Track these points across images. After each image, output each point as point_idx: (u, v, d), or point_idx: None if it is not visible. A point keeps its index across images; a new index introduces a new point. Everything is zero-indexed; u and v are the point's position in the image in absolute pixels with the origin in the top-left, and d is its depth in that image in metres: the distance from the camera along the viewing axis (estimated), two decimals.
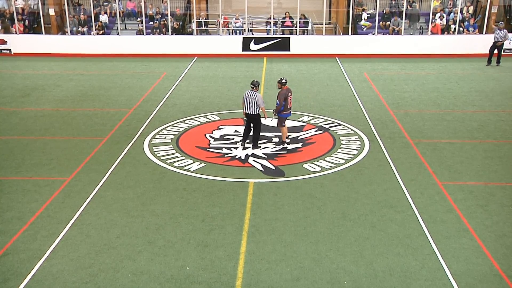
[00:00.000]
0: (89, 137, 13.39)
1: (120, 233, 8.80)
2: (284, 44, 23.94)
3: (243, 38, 24.12)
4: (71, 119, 14.91)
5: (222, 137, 13.25)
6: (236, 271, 7.77)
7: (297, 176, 11.00)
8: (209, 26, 26.41)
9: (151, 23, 25.39)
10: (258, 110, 12.06)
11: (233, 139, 13.04)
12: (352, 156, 12.08)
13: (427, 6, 26.03)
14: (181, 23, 26.02)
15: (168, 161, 11.81)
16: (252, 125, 12.33)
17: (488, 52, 21.63)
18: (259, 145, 12.43)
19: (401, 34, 24.23)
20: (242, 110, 12.41)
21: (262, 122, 12.45)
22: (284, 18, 25.54)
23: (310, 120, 14.66)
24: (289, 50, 23.96)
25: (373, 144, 12.81)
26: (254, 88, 12.00)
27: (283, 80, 12.26)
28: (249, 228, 8.97)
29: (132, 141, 13.01)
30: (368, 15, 25.73)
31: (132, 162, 11.76)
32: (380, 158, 11.97)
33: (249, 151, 12.21)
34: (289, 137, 12.92)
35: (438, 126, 14.11)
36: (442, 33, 24.33)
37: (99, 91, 18.02)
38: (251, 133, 12.45)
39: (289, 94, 12.25)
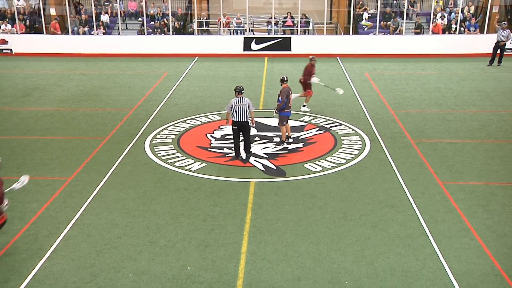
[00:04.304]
0: (90, 137, 13.40)
1: (121, 233, 8.81)
2: (285, 44, 23.94)
3: (244, 38, 24.12)
4: (72, 119, 14.93)
5: (223, 137, 13.25)
6: (237, 271, 7.78)
7: (298, 176, 11.00)
8: (210, 26, 26.42)
9: (152, 23, 25.40)
10: (248, 117, 11.60)
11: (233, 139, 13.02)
12: (353, 156, 12.07)
13: (428, 6, 26.03)
14: (182, 23, 26.03)
15: (169, 161, 11.81)
16: (242, 133, 11.78)
17: (491, 52, 21.60)
18: (241, 157, 11.86)
19: (402, 34, 24.21)
20: (227, 119, 11.90)
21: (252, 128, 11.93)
22: (285, 18, 25.54)
23: (311, 120, 14.66)
24: (290, 50, 23.96)
25: (374, 144, 12.80)
26: (241, 93, 11.55)
27: (285, 78, 12.37)
28: (250, 228, 8.97)
29: (133, 141, 13.02)
30: (369, 15, 25.71)
31: (133, 162, 11.77)
32: (381, 158, 11.96)
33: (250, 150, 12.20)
34: (291, 136, 12.91)
35: (439, 126, 14.10)
36: (443, 33, 24.31)
37: (100, 91, 18.03)
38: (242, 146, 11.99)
39: (290, 92, 12.32)
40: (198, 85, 18.73)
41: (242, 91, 11.60)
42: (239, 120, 11.55)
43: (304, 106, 15.50)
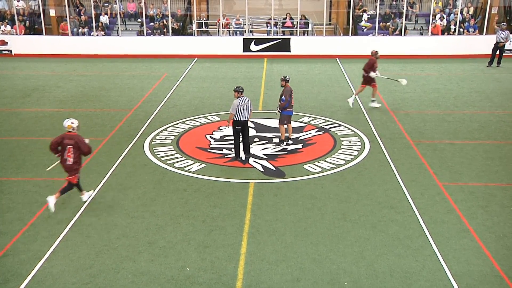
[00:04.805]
0: (90, 138, 13.28)
1: (121, 234, 8.80)
2: (284, 45, 23.95)
3: (244, 39, 24.13)
4: None
5: (222, 138, 13.25)
6: (237, 272, 7.77)
7: (297, 177, 11.00)
8: (209, 27, 26.43)
9: (152, 24, 25.41)
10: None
11: (233, 139, 13.00)
12: (352, 156, 12.07)
13: (427, 7, 26.05)
14: (181, 24, 26.04)
15: (168, 162, 11.81)
16: (242, 133, 11.75)
17: (490, 53, 21.60)
18: (241, 158, 11.87)
19: (401, 35, 24.22)
20: (230, 120, 11.74)
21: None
22: (284, 19, 25.55)
23: (310, 120, 14.66)
24: (290, 51, 23.96)
25: (374, 144, 12.80)
26: (242, 93, 11.58)
27: (287, 77, 12.34)
28: (249, 229, 8.96)
29: (133, 142, 13.01)
30: (369, 16, 25.73)
31: (132, 163, 11.76)
32: (380, 158, 11.96)
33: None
34: (291, 137, 12.89)
35: (439, 126, 14.10)
36: (443, 34, 24.33)
37: (99, 91, 18.03)
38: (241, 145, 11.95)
39: (292, 92, 12.37)
40: (197, 86, 18.73)
41: (241, 91, 11.59)
42: (243, 120, 11.57)
43: (373, 101, 15.85)
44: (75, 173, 9.65)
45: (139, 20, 25.78)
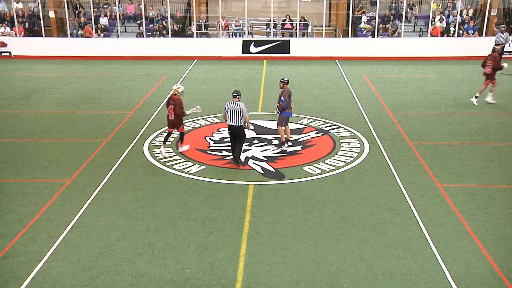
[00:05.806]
0: (89, 139, 13.39)
1: (120, 236, 8.80)
2: (284, 47, 23.96)
3: (243, 40, 24.15)
4: (71, 121, 14.92)
5: (222, 140, 13.25)
6: (236, 273, 7.77)
7: (297, 179, 11.00)
8: (209, 28, 26.45)
9: (151, 25, 25.42)
10: (242, 122, 11.41)
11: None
12: (352, 158, 12.08)
13: (427, 9, 26.08)
14: (181, 25, 26.05)
15: (168, 164, 11.81)
16: (235, 137, 11.63)
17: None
18: (241, 160, 11.79)
19: (400, 36, 24.24)
20: (226, 122, 11.69)
21: (246, 134, 11.79)
22: (284, 20, 25.57)
23: (310, 122, 14.67)
24: (289, 53, 23.97)
25: (373, 146, 12.81)
26: (237, 97, 11.42)
27: (285, 79, 12.34)
28: (249, 230, 8.96)
29: (132, 144, 13.02)
30: (368, 18, 25.75)
31: (132, 165, 11.76)
32: (380, 160, 11.97)
33: (249, 153, 12.21)
34: (291, 139, 12.88)
35: (438, 128, 14.11)
36: (442, 35, 24.36)
37: (99, 93, 18.03)
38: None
39: (291, 93, 12.36)
40: (197, 88, 18.73)
41: (235, 95, 11.47)
42: (231, 124, 11.42)
43: (489, 97, 16.51)
44: (180, 125, 11.99)
45: (139, 22, 25.79)
